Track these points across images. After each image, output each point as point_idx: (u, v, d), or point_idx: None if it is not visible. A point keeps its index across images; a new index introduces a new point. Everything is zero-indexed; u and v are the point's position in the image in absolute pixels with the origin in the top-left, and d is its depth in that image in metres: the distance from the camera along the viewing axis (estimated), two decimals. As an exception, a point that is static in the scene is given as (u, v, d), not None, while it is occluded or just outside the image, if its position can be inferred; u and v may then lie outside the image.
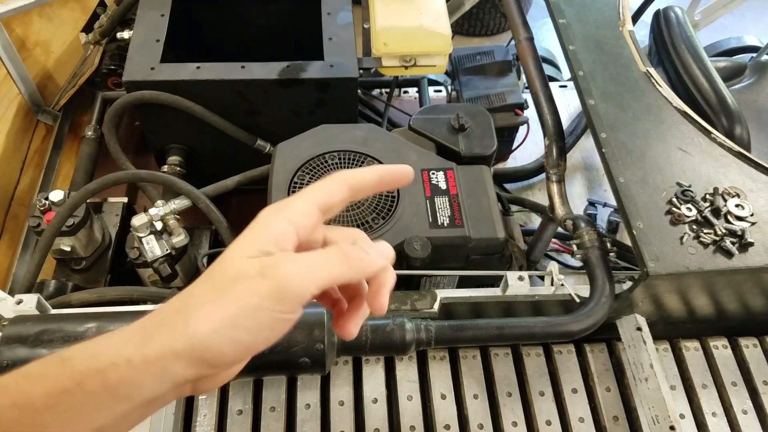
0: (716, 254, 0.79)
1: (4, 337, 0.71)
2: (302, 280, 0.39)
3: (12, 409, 0.36)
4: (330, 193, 0.44)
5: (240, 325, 0.38)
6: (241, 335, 0.38)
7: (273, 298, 0.38)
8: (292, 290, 0.39)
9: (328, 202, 0.44)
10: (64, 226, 1.05)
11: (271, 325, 0.39)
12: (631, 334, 0.87)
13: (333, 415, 0.85)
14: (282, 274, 0.39)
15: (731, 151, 0.89)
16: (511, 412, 0.87)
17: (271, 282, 0.38)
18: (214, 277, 0.40)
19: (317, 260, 0.41)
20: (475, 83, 1.46)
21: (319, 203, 0.44)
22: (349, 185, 0.45)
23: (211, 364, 0.39)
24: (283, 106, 1.21)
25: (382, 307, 0.44)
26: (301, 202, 0.43)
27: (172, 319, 0.39)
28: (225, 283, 0.39)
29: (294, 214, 0.42)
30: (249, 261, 0.40)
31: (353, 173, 0.46)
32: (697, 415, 0.88)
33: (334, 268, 0.41)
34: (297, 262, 0.40)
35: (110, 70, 1.44)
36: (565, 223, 0.97)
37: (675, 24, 1.36)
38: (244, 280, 0.39)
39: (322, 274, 0.40)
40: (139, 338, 0.38)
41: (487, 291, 0.89)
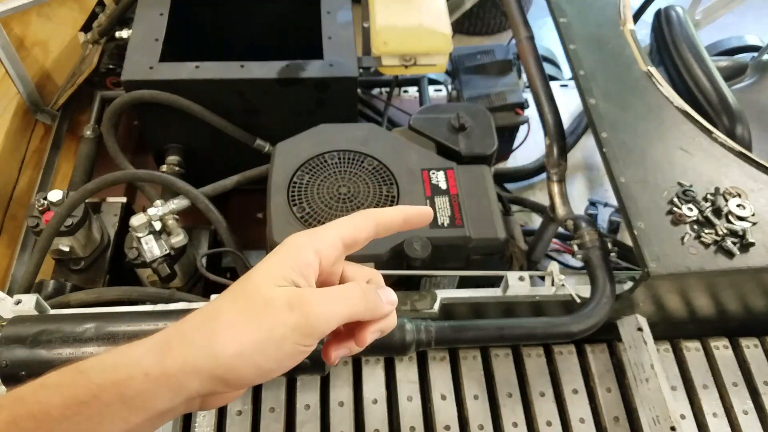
0: (717, 254, 0.79)
1: (2, 337, 0.71)
2: (327, 316, 0.42)
3: (29, 420, 0.37)
4: (357, 228, 0.47)
5: (264, 352, 0.40)
6: (263, 361, 0.40)
7: (298, 330, 0.40)
8: (316, 325, 0.41)
9: (354, 237, 0.47)
10: (63, 226, 1.05)
11: (292, 355, 0.41)
12: (632, 334, 0.87)
13: (333, 415, 0.84)
14: (309, 309, 0.41)
15: (732, 151, 0.89)
16: (511, 412, 0.86)
17: (298, 315, 0.40)
18: (242, 299, 0.42)
19: (340, 297, 0.43)
20: (475, 82, 1.46)
21: (345, 237, 0.46)
22: (375, 223, 0.48)
23: (229, 384, 0.40)
24: (283, 106, 1.21)
25: (365, 343, 0.47)
26: (329, 234, 0.46)
27: (195, 334, 0.40)
28: (254, 308, 0.40)
29: (321, 245, 0.45)
30: (278, 290, 0.41)
31: (381, 212, 0.49)
32: (698, 415, 0.88)
33: (354, 306, 0.44)
34: (323, 298, 0.42)
35: (109, 70, 1.43)
36: (565, 223, 0.96)
37: (676, 23, 1.35)
38: (274, 310, 0.40)
39: (344, 311, 0.43)
40: (159, 351, 0.39)
41: (487, 291, 0.88)
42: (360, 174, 1.00)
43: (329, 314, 0.42)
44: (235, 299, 0.42)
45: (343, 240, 0.46)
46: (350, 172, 1.00)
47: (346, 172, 1.00)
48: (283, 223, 0.92)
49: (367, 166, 1.01)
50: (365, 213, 0.48)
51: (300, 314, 0.40)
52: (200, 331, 0.40)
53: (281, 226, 0.92)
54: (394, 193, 0.98)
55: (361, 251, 0.89)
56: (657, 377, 0.81)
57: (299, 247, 0.44)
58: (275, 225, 0.93)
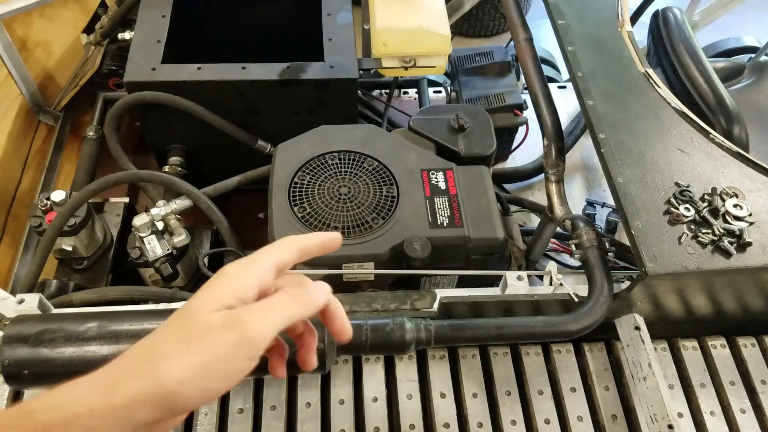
0: (714, 254, 0.79)
1: (5, 336, 0.71)
2: (262, 327, 0.44)
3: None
4: (285, 253, 0.50)
5: (208, 374, 0.41)
6: (207, 383, 0.42)
7: (238, 346, 0.42)
8: (255, 338, 0.43)
9: (284, 261, 0.50)
10: (66, 226, 1.06)
11: (236, 372, 0.43)
12: (629, 333, 0.88)
13: (333, 413, 0.85)
14: (244, 325, 0.43)
15: (730, 152, 0.90)
16: (510, 411, 0.87)
17: (235, 333, 0.42)
18: (180, 328, 0.44)
19: (272, 306, 0.46)
20: (474, 84, 1.47)
21: (278, 263, 0.49)
22: (298, 248, 0.52)
23: (175, 410, 0.41)
24: (284, 107, 1.22)
25: (344, 332, 0.52)
26: (265, 261, 0.48)
27: (138, 367, 0.41)
28: (193, 335, 0.42)
29: (260, 271, 0.47)
30: (213, 314, 0.43)
31: (302, 239, 0.53)
32: (696, 414, 0.88)
33: (287, 310, 0.46)
34: (255, 311, 0.44)
35: (111, 71, 1.44)
36: (564, 223, 0.97)
37: (674, 24, 1.36)
38: (212, 332, 0.42)
39: (278, 318, 0.45)
40: (104, 387, 0.40)
41: (486, 291, 0.89)
42: (360, 174, 1.01)
43: (265, 325, 0.44)
44: (174, 329, 0.43)
45: (276, 265, 0.49)
46: (351, 172, 1.01)
47: (346, 173, 1.01)
48: (285, 223, 0.93)
49: (367, 167, 1.02)
50: (289, 240, 0.52)
51: (237, 331, 0.42)
52: (142, 364, 0.41)
53: (282, 226, 0.93)
54: (394, 194, 0.98)
55: (361, 251, 0.91)
56: (654, 376, 0.82)
57: (239, 274, 0.47)
58: (276, 225, 0.93)
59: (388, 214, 0.96)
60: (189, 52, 1.35)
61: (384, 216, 0.95)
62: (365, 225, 0.94)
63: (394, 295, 0.89)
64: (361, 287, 0.96)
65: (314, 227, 0.93)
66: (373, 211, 0.96)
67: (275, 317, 0.45)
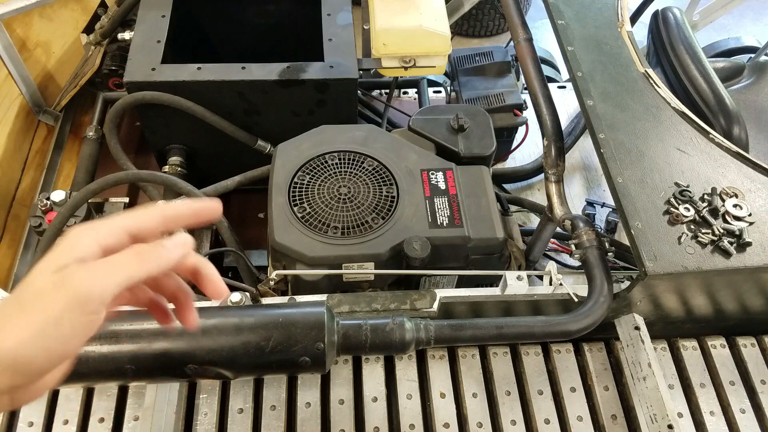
0: (714, 254, 0.79)
1: (6, 336, 0.71)
2: (98, 283, 0.42)
3: None
4: (140, 219, 0.48)
5: (46, 334, 0.41)
6: (50, 344, 0.41)
7: (71, 305, 0.41)
8: (88, 295, 0.42)
9: (137, 226, 0.47)
10: (66, 226, 1.06)
11: (77, 331, 0.42)
12: (629, 333, 0.88)
13: (333, 413, 0.85)
14: (76, 282, 0.42)
15: (729, 152, 0.90)
16: (509, 410, 0.87)
17: (67, 291, 0.41)
18: (17, 295, 0.43)
19: (111, 262, 0.44)
20: (474, 84, 1.47)
21: (128, 226, 0.47)
22: (162, 215, 0.49)
23: (24, 373, 0.41)
24: (283, 107, 1.22)
25: (218, 290, 0.49)
26: (108, 223, 0.47)
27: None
28: (27, 299, 0.42)
29: (102, 232, 0.45)
30: (48, 276, 0.42)
31: (169, 205, 0.50)
32: (695, 414, 0.88)
33: (129, 267, 0.44)
34: (90, 268, 0.43)
35: (111, 71, 1.44)
36: (563, 223, 0.97)
37: (673, 25, 1.36)
38: (44, 295, 0.41)
39: (120, 275, 0.43)
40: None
41: (486, 290, 0.89)
42: (360, 174, 1.01)
43: (101, 280, 0.42)
44: (11, 298, 0.43)
45: (126, 228, 0.47)
46: (350, 172, 1.01)
47: (346, 173, 1.01)
48: (284, 223, 0.93)
49: (367, 167, 1.02)
50: (151, 205, 0.50)
51: (67, 290, 0.41)
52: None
53: (282, 226, 0.93)
54: (393, 193, 0.99)
55: (361, 251, 0.91)
56: (654, 376, 0.82)
57: (76, 237, 0.45)
58: (276, 225, 0.93)
59: (388, 214, 0.96)
60: (189, 52, 1.35)
61: (384, 216, 0.95)
62: (365, 225, 0.94)
63: (394, 295, 0.89)
64: (361, 287, 0.96)
65: (314, 227, 0.93)
66: (372, 211, 0.96)
67: (115, 274, 0.43)
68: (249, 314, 0.67)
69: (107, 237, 0.45)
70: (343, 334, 0.72)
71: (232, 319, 0.66)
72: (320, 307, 0.70)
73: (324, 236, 0.92)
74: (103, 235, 0.45)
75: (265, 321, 0.65)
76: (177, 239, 0.48)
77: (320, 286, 0.92)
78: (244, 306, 0.82)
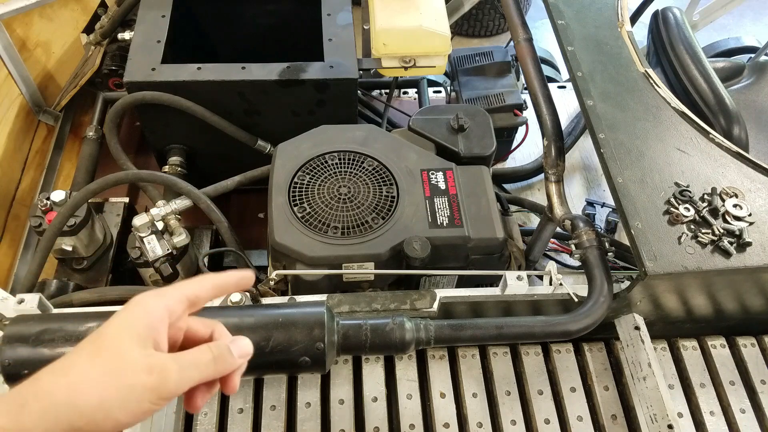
0: (714, 254, 0.79)
1: (5, 336, 0.71)
2: (181, 382, 0.47)
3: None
4: (200, 289, 0.53)
5: (124, 408, 0.44)
6: (122, 416, 0.44)
7: (156, 392, 0.45)
8: (172, 390, 0.46)
9: (196, 295, 0.52)
10: (66, 226, 1.06)
11: (146, 412, 0.45)
12: (629, 333, 0.88)
13: (333, 413, 0.85)
14: (167, 375, 0.46)
15: (729, 152, 0.90)
16: (509, 410, 0.87)
17: (156, 379, 0.45)
18: (100, 356, 0.45)
19: (194, 364, 0.48)
20: (474, 84, 1.47)
21: (190, 296, 0.52)
22: (213, 285, 0.54)
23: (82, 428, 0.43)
24: (283, 107, 1.22)
25: (234, 388, 0.53)
26: (176, 292, 0.51)
27: (53, 388, 0.43)
28: (114, 366, 0.44)
29: (170, 302, 0.50)
30: (136, 351, 0.46)
31: (217, 277, 0.55)
32: (695, 413, 0.88)
33: (205, 371, 0.49)
34: (180, 366, 0.47)
35: (111, 71, 1.44)
36: (563, 222, 0.97)
37: (673, 24, 1.36)
38: (134, 371, 0.45)
39: (197, 377, 0.48)
40: (15, 409, 0.41)
41: (486, 290, 0.89)
42: (360, 174, 1.01)
43: (184, 380, 0.47)
44: (92, 354, 0.45)
45: (188, 298, 0.52)
46: (350, 172, 1.01)
47: (346, 173, 1.01)
48: (284, 223, 0.93)
49: (367, 167, 1.02)
50: (205, 276, 0.55)
51: (158, 379, 0.45)
52: (57, 386, 0.43)
53: (282, 226, 0.93)
54: (393, 193, 0.99)
55: (361, 251, 0.91)
56: (654, 375, 0.82)
57: (151, 305, 0.49)
58: (276, 225, 0.93)
59: (388, 214, 0.96)
60: (189, 52, 1.35)
61: (384, 216, 0.95)
62: (365, 225, 0.94)
63: (394, 295, 0.89)
64: (361, 287, 0.96)
65: (314, 227, 0.93)
66: (372, 211, 0.96)
67: (194, 376, 0.48)
68: (249, 314, 0.67)
69: (175, 305, 0.50)
70: (343, 334, 0.72)
71: (232, 319, 0.66)
72: (320, 307, 0.70)
73: (324, 236, 0.92)
74: (172, 303, 0.50)
75: (265, 321, 0.65)
76: (243, 348, 0.53)
77: (320, 286, 0.92)
78: (244, 306, 0.82)
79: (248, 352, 0.53)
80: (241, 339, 0.54)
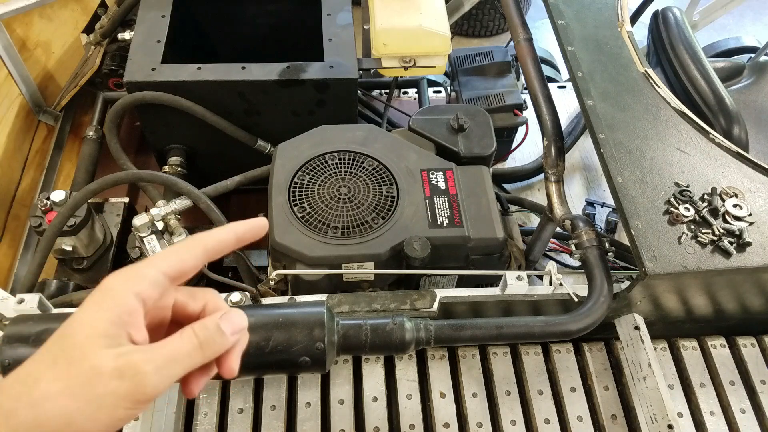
0: (714, 254, 0.79)
1: (5, 336, 0.71)
2: (160, 382, 0.40)
3: None
4: (182, 259, 0.44)
5: (94, 419, 0.38)
6: (92, 428, 0.39)
7: (130, 398, 0.39)
8: (148, 392, 0.40)
9: (179, 269, 0.44)
10: (66, 226, 1.06)
11: (123, 419, 0.40)
12: (629, 333, 0.88)
13: (333, 413, 0.85)
14: (141, 378, 0.39)
15: (729, 152, 0.90)
16: (509, 410, 0.87)
17: (129, 384, 0.39)
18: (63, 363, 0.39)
19: (173, 358, 0.41)
20: (474, 84, 1.47)
21: (169, 271, 0.44)
22: (203, 248, 0.46)
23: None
24: (283, 107, 1.22)
25: (232, 371, 0.45)
26: (149, 272, 0.43)
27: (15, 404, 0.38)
28: (79, 376, 0.39)
29: (142, 286, 0.42)
30: (104, 354, 0.39)
31: (208, 235, 0.46)
32: (695, 413, 0.88)
33: (190, 362, 0.42)
34: (155, 364, 0.40)
35: (111, 71, 1.44)
36: (563, 222, 0.97)
37: (673, 24, 1.36)
38: (102, 379, 0.38)
39: (178, 372, 0.41)
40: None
41: (486, 290, 0.89)
42: (360, 174, 1.01)
43: (164, 379, 0.40)
44: (55, 362, 0.39)
45: (167, 274, 0.44)
46: (350, 172, 1.01)
47: (346, 173, 1.01)
48: (284, 223, 0.93)
49: (367, 167, 1.02)
50: (191, 240, 0.46)
51: (132, 383, 0.39)
52: (20, 404, 0.38)
53: (282, 226, 0.93)
54: (393, 193, 0.99)
55: (361, 251, 0.91)
56: (654, 375, 0.82)
57: (117, 294, 0.41)
58: (276, 225, 0.93)
59: (388, 214, 0.96)
60: (189, 52, 1.35)
61: (384, 216, 0.95)
62: (365, 225, 0.94)
63: (394, 295, 0.89)
64: (361, 287, 0.96)
65: (314, 227, 0.93)
66: (372, 211, 0.96)
67: (176, 370, 0.41)
68: (249, 314, 0.67)
69: (149, 290, 0.42)
70: (343, 334, 0.72)
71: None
72: (320, 307, 0.70)
73: (324, 236, 0.92)
74: (146, 287, 0.42)
75: (265, 321, 0.65)
76: (235, 323, 0.45)
77: (320, 286, 0.92)
78: (244, 306, 0.82)
79: (242, 326, 0.46)
80: (233, 312, 0.46)
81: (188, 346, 0.42)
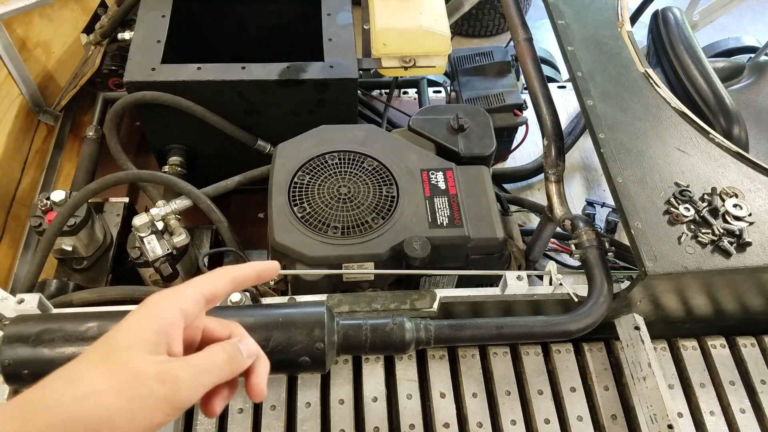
0: (714, 254, 0.79)
1: (5, 336, 0.71)
2: (194, 389, 0.44)
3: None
4: (216, 285, 0.51)
5: (133, 420, 0.41)
6: (130, 428, 0.41)
7: (169, 403, 0.43)
8: (185, 399, 0.44)
9: (213, 293, 0.50)
10: (66, 225, 1.06)
11: (158, 424, 0.43)
12: (629, 333, 0.88)
13: (333, 413, 0.85)
14: (180, 385, 0.43)
15: (729, 152, 0.90)
16: (509, 410, 0.87)
17: (169, 390, 0.43)
18: (109, 364, 0.43)
19: (208, 369, 0.46)
20: (474, 84, 1.47)
21: (206, 294, 0.49)
22: (232, 279, 0.52)
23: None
24: (283, 107, 1.22)
25: (261, 393, 0.51)
26: (191, 292, 0.49)
27: (59, 397, 0.40)
28: (123, 376, 0.42)
29: (185, 303, 0.47)
30: (147, 360, 0.43)
31: (236, 269, 0.53)
32: (695, 413, 0.88)
33: (220, 373, 0.47)
34: (193, 373, 0.45)
35: (111, 71, 1.44)
36: (563, 222, 0.97)
37: (673, 24, 1.36)
38: (144, 381, 0.42)
39: (210, 381, 0.46)
40: (19, 416, 0.40)
41: (486, 290, 0.89)
42: (360, 174, 1.01)
43: (199, 387, 0.45)
44: (100, 363, 0.42)
45: (205, 296, 0.49)
46: (350, 172, 1.01)
47: (346, 173, 1.01)
48: (284, 223, 0.93)
49: (367, 167, 1.02)
50: (221, 270, 0.52)
51: (171, 388, 0.43)
52: (64, 398, 0.40)
53: (282, 226, 0.93)
54: (393, 193, 0.99)
55: (361, 251, 0.91)
56: (654, 376, 0.82)
57: (163, 308, 0.46)
58: (276, 225, 0.93)
59: (388, 214, 0.96)
60: (189, 52, 1.35)
61: (384, 216, 0.95)
62: (365, 225, 0.94)
63: (394, 295, 0.89)
64: (361, 287, 0.96)
65: (314, 227, 0.93)
66: (372, 211, 0.96)
67: (208, 381, 0.46)
68: (249, 314, 0.67)
69: (190, 307, 0.48)
70: (343, 334, 0.72)
71: (232, 319, 0.66)
72: (320, 307, 0.70)
73: (324, 236, 0.92)
74: (188, 305, 0.47)
75: (265, 321, 0.65)
76: (250, 347, 0.51)
77: (320, 286, 0.92)
78: (244, 306, 0.82)
79: (254, 352, 0.51)
80: (248, 338, 0.52)
81: (220, 359, 0.47)
